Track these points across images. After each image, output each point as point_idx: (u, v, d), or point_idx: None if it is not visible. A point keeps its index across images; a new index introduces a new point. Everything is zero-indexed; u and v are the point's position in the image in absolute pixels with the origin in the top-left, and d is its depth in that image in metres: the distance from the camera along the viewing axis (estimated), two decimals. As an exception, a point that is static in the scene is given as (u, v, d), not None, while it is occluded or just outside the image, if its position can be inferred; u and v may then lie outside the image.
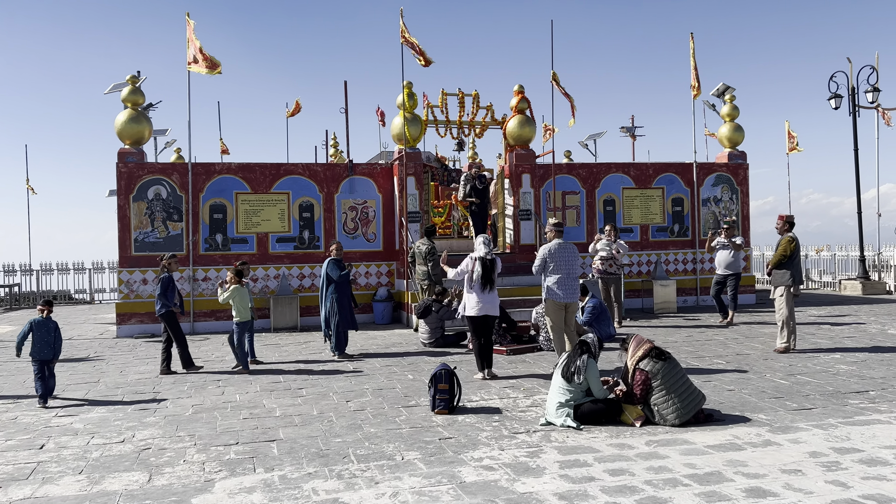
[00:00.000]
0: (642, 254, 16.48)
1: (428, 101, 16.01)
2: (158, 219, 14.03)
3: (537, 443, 5.62)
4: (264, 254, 14.51)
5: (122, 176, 13.92)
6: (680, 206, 16.84)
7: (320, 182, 14.90)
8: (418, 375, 8.71)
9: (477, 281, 8.47)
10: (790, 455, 5.13)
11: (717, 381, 7.89)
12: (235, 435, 6.10)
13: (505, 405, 7.00)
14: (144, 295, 13.82)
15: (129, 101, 14.23)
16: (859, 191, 19.46)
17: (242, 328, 9.45)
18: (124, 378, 9.09)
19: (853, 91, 19.29)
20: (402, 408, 7.01)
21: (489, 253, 8.60)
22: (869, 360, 8.94)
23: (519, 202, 15.51)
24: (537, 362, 9.54)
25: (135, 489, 4.75)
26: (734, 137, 17.33)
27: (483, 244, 8.65)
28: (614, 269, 13.02)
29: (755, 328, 12.28)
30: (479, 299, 8.47)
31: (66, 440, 6.07)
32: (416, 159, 14.84)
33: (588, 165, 16.86)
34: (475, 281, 8.48)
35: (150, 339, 13.02)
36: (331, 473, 4.97)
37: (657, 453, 5.24)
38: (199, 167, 14.43)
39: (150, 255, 13.93)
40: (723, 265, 12.85)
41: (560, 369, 6.36)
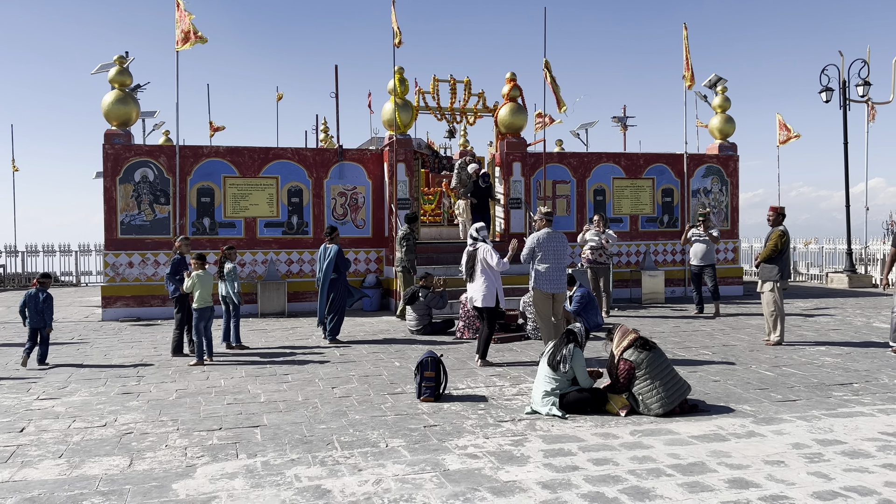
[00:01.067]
0: (631, 244, 16.49)
1: (419, 87, 15.92)
2: (145, 201, 13.90)
3: (522, 431, 5.61)
4: (252, 238, 14.41)
5: (109, 158, 13.77)
6: (670, 197, 16.84)
7: (309, 167, 14.79)
8: (405, 363, 8.68)
9: (465, 271, 8.57)
10: (773, 446, 5.14)
11: (702, 371, 7.91)
12: (219, 420, 6.06)
13: (491, 393, 6.99)
14: (130, 278, 13.71)
15: (117, 82, 14.05)
16: (848, 185, 19.54)
17: (201, 315, 8.88)
18: (108, 361, 9.01)
19: (844, 85, 19.31)
20: (387, 395, 6.98)
21: (472, 244, 8.59)
22: (854, 353, 8.99)
23: (509, 190, 15.47)
24: (524, 351, 9.53)
25: (115, 474, 4.70)
26: (725, 129, 17.33)
27: (470, 235, 8.67)
28: (603, 259, 13.03)
29: (742, 319, 12.33)
30: (471, 289, 8.57)
31: (47, 423, 6.01)
32: (406, 146, 14.75)
33: (579, 155, 16.82)
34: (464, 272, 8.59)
35: (135, 323, 12.93)
36: (314, 460, 4.94)
37: (641, 443, 5.24)
38: (187, 150, 14.29)
39: (137, 237, 13.81)
40: (698, 257, 12.90)
41: (546, 358, 6.34)
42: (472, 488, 4.34)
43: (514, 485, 4.39)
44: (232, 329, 9.87)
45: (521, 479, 4.49)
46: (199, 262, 9.04)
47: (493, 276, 8.46)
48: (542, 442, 5.30)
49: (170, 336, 11.19)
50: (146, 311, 13.67)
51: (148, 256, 13.83)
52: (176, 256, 9.43)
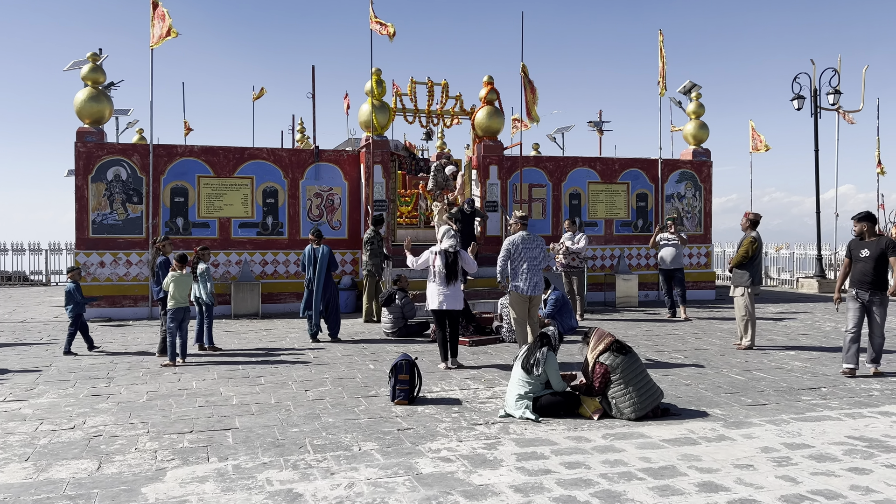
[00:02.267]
0: (606, 248, 16.61)
1: (397, 88, 15.90)
2: (118, 200, 13.71)
3: (495, 435, 5.62)
4: (226, 239, 14.28)
5: (81, 156, 13.57)
6: (644, 202, 17.00)
7: (285, 168, 14.70)
8: (379, 365, 8.66)
9: (440, 275, 8.42)
10: (743, 450, 5.20)
11: (674, 375, 7.99)
12: (190, 423, 6.00)
13: (465, 396, 7.00)
14: (102, 278, 13.51)
15: (90, 80, 13.85)
16: (818, 191, 19.86)
17: (175, 315, 8.74)
18: (77, 363, 8.88)
19: (815, 93, 19.64)
20: (361, 398, 6.96)
21: (453, 246, 8.54)
22: (822, 358, 9.14)
23: (486, 193, 15.50)
24: (499, 353, 9.56)
25: (83, 477, 4.63)
26: (699, 135, 17.53)
27: (448, 237, 8.59)
28: (577, 263, 13.14)
29: (714, 324, 12.47)
30: (441, 292, 8.44)
31: (14, 426, 5.90)
32: (383, 147, 14.72)
33: (555, 159, 16.91)
34: (437, 274, 8.44)
35: (106, 323, 12.74)
36: (286, 463, 4.90)
37: (613, 447, 5.28)
38: (161, 149, 14.12)
39: (109, 237, 13.62)
40: (667, 261, 13.04)
41: (520, 361, 6.36)
42: (445, 492, 4.34)
43: (486, 488, 4.39)
44: (205, 330, 9.77)
45: (493, 482, 4.50)
46: (180, 263, 8.97)
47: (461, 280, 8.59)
48: (515, 445, 5.32)
49: (142, 337, 11.06)
50: (118, 312, 13.48)
51: (120, 256, 13.64)
52: (161, 258, 9.34)
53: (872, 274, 7.82)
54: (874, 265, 7.83)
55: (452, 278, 8.42)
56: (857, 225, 8.07)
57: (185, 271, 9.03)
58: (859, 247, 8.02)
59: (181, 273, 8.95)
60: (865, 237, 8.00)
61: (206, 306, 9.75)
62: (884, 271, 7.88)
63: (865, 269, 7.89)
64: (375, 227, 12.80)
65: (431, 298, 8.48)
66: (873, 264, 7.82)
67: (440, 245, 8.57)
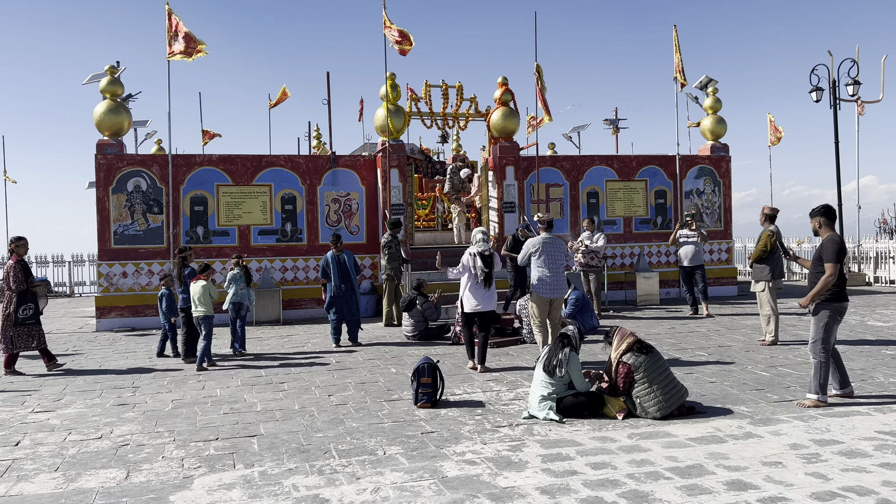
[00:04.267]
0: (625, 246, 16.52)
1: (412, 92, 15.93)
2: (138, 211, 13.86)
3: (520, 436, 5.60)
4: (246, 246, 14.37)
5: (101, 168, 13.72)
6: (663, 199, 16.88)
7: (303, 174, 14.78)
8: (401, 369, 8.67)
9: (480, 276, 8.40)
10: (771, 447, 5.15)
11: (699, 373, 7.92)
12: (215, 430, 6.04)
13: (488, 398, 6.98)
14: (124, 288, 13.65)
15: (108, 92, 14.01)
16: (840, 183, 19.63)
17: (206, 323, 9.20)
18: (104, 372, 8.97)
19: (834, 84, 19.41)
20: (384, 402, 6.97)
21: (487, 249, 8.53)
22: (849, 352, 9.01)
23: (503, 194, 15.48)
24: (520, 355, 9.53)
25: (112, 486, 4.68)
26: (717, 130, 17.39)
27: (482, 240, 8.57)
28: (596, 262, 13.09)
29: (737, 320, 12.35)
30: (477, 295, 8.42)
31: (43, 436, 5.98)
32: (399, 151, 14.75)
33: (572, 158, 16.85)
34: (478, 277, 8.41)
35: (129, 333, 12.87)
36: (312, 469, 4.92)
37: (639, 446, 5.24)
38: (180, 159, 14.25)
39: (130, 247, 13.76)
40: (688, 258, 12.92)
41: (542, 363, 6.34)
42: (471, 495, 4.33)
43: (512, 490, 4.38)
44: (240, 335, 10.11)
45: (519, 484, 4.49)
46: (205, 272, 9.41)
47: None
48: (539, 447, 5.30)
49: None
50: (140, 321, 13.61)
51: (142, 266, 13.78)
52: (188, 269, 9.71)
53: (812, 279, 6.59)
54: (814, 269, 6.59)
55: (489, 280, 8.42)
56: (812, 221, 6.72)
57: (211, 280, 9.46)
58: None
59: (208, 282, 9.32)
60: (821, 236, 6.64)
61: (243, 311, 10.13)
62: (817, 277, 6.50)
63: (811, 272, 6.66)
64: (393, 231, 12.83)
65: (468, 301, 8.48)
66: (814, 268, 6.60)
67: (475, 248, 8.55)
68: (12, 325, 8.93)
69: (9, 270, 8.99)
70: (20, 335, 8.99)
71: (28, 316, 8.99)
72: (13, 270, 8.93)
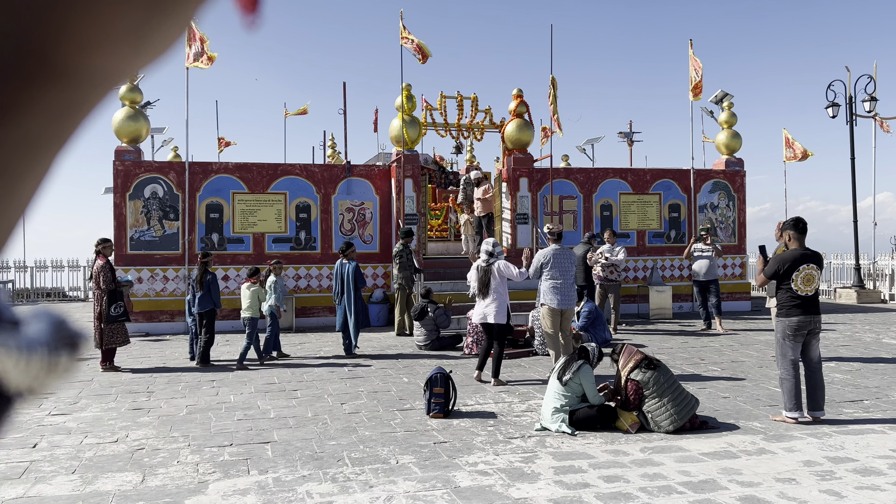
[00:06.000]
0: (638, 259, 16.49)
1: (427, 103, 16.04)
2: (155, 217, 13.99)
3: (532, 448, 5.61)
4: (260, 254, 14.47)
5: (119, 174, 13.88)
6: (677, 213, 16.86)
7: (317, 183, 14.88)
8: (413, 378, 8.70)
9: (477, 288, 8.50)
10: (784, 464, 5.13)
11: (712, 388, 7.90)
12: (229, 436, 6.08)
13: (500, 409, 7.00)
14: (140, 294, 13.77)
15: (127, 99, 14.19)
16: (855, 199, 19.53)
17: (250, 325, 9.81)
18: (118, 377, 9.05)
19: (851, 100, 19.35)
20: (396, 411, 6.99)
21: (487, 259, 8.54)
22: (863, 370, 8.96)
23: (516, 206, 15.51)
24: (532, 367, 9.53)
25: (128, 490, 4.73)
26: (732, 144, 17.36)
27: (485, 251, 8.59)
28: (615, 276, 13.04)
29: (750, 335, 12.30)
30: (479, 306, 8.49)
31: (60, 439, 6.05)
32: (413, 161, 14.83)
33: (586, 170, 16.87)
34: (476, 288, 8.51)
35: (144, 338, 12.97)
36: (325, 476, 4.95)
37: (652, 460, 5.24)
38: (197, 166, 14.40)
39: (146, 253, 13.89)
40: (702, 272, 12.87)
41: (556, 374, 6.36)
42: (484, 505, 4.35)
43: (525, 502, 4.39)
44: (273, 339, 10.31)
45: (532, 496, 4.50)
46: (255, 276, 9.94)
47: (504, 293, 8.47)
48: (552, 459, 5.30)
49: (179, 351, 11.25)
50: (155, 327, 13.72)
51: (157, 272, 13.90)
52: (210, 275, 9.88)
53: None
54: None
55: (485, 292, 8.44)
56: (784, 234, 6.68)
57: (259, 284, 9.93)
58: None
59: (257, 286, 9.82)
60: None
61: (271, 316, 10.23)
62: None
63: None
64: (405, 241, 12.88)
65: (474, 311, 8.59)
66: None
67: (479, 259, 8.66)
68: (105, 323, 9.29)
69: (98, 271, 9.36)
70: (112, 332, 9.38)
71: (119, 314, 9.38)
72: (102, 271, 9.33)
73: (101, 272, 9.35)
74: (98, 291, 9.42)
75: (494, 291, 8.41)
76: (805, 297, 6.33)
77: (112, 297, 9.37)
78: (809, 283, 6.33)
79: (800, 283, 6.31)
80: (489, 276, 8.49)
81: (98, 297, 9.43)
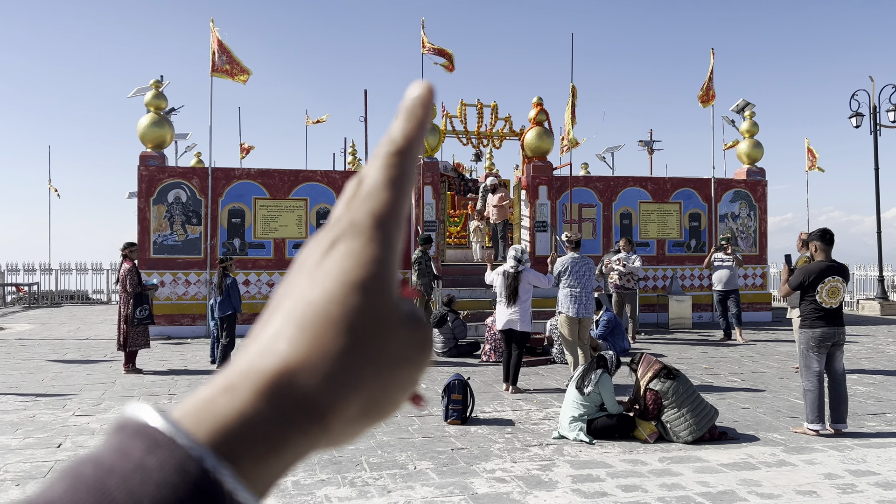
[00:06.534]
0: (658, 268, 16.42)
1: (446, 111, 16.11)
2: (177, 222, 14.17)
3: (550, 456, 5.62)
4: (281, 259, 14.59)
5: (143, 179, 14.08)
6: (697, 222, 16.76)
7: (338, 189, 14.98)
8: (431, 385, 8.71)
9: (500, 294, 8.45)
10: (805, 476, 5.09)
11: (731, 399, 7.85)
12: (249, 439, 6.14)
13: (518, 417, 7.00)
14: (161, 297, 13.93)
15: (152, 105, 14.40)
16: (879, 210, 19.30)
17: None
18: (140, 379, 9.17)
19: (875, 110, 19.16)
20: (414, 417, 7.02)
21: (516, 266, 8.47)
22: (886, 382, 8.85)
23: (535, 213, 15.52)
24: (550, 375, 9.53)
25: (150, 490, 4.79)
26: (753, 154, 17.25)
27: (513, 257, 8.51)
28: (631, 285, 12.99)
29: (770, 346, 12.19)
30: (503, 313, 8.44)
31: (83, 440, 6.14)
32: (433, 169, 14.89)
33: (605, 178, 16.84)
34: (500, 294, 8.46)
35: (166, 341, 13.12)
36: (343, 481, 4.99)
37: (670, 470, 5.22)
38: (219, 172, 14.56)
39: (169, 257, 14.06)
40: (722, 283, 12.77)
41: (574, 382, 6.36)
42: (501, 512, 4.36)
43: (542, 510, 4.40)
44: None
45: (549, 504, 4.51)
46: None
47: (529, 300, 8.46)
48: (570, 467, 5.31)
49: (200, 355, 11.37)
50: (176, 330, 13.87)
51: (179, 276, 14.06)
52: (230, 279, 9.90)
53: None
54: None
55: (512, 299, 8.38)
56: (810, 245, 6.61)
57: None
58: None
59: None
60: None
61: None
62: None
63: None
64: (424, 247, 12.93)
65: (499, 318, 8.52)
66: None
67: (505, 265, 8.57)
68: (130, 326, 9.48)
69: (125, 275, 9.55)
70: (135, 334, 9.55)
71: (144, 317, 9.56)
72: (129, 274, 9.52)
73: (127, 275, 9.52)
74: (124, 294, 9.59)
75: (521, 299, 8.39)
76: (829, 309, 6.29)
77: (138, 300, 9.53)
78: (834, 296, 6.29)
79: (825, 295, 6.27)
80: (517, 283, 8.43)
81: (124, 300, 9.60)
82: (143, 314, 9.54)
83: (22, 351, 11.76)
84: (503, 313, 8.45)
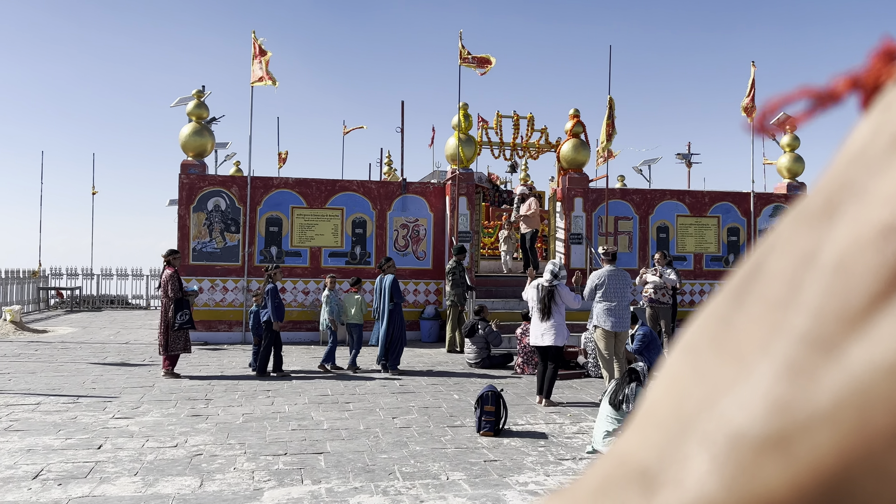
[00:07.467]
0: (695, 283, 16.20)
1: (483, 120, 16.16)
2: (216, 230, 14.41)
3: (583, 471, 5.56)
4: (316, 267, 14.74)
5: (184, 187, 14.36)
6: (736, 236, 16.53)
7: (374, 199, 15.11)
8: (464, 395, 8.72)
9: (533, 308, 8.40)
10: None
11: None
12: (284, 445, 6.21)
13: (551, 430, 6.96)
14: (199, 303, 14.15)
15: (194, 115, 14.71)
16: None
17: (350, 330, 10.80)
18: (178, 384, 9.33)
19: (921, 124, 18.70)
20: (447, 427, 7.03)
21: (551, 281, 8.38)
22: None
23: (570, 226, 15.45)
24: (584, 388, 9.45)
25: (187, 494, 4.88)
26: (794, 168, 16.97)
27: (549, 271, 8.42)
28: (666, 299, 12.82)
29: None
30: (536, 329, 8.38)
31: (123, 442, 6.27)
32: (468, 180, 14.93)
33: (642, 191, 16.70)
34: (533, 308, 8.41)
35: (203, 347, 13.32)
36: (376, 489, 5.02)
37: (706, 488, 5.14)
38: (258, 181, 14.79)
39: (207, 264, 14.30)
40: None
41: (608, 397, 6.30)
42: (534, 526, 4.34)
43: (575, 524, 4.37)
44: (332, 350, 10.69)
45: (582, 518, 4.47)
46: (357, 285, 10.87)
47: (563, 314, 8.37)
48: (603, 482, 5.25)
49: (236, 360, 11.52)
50: (213, 336, 14.08)
51: (217, 283, 14.29)
52: (271, 286, 10.12)
53: None
54: None
55: (546, 314, 8.30)
56: None
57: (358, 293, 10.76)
58: None
59: (359, 295, 10.65)
60: None
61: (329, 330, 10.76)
62: None
63: None
64: (458, 258, 12.96)
65: (532, 333, 8.45)
66: None
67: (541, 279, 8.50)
68: (171, 331, 9.71)
69: (167, 280, 9.78)
70: (175, 338, 9.78)
71: (185, 321, 9.77)
72: (171, 280, 9.75)
73: (169, 281, 9.73)
74: (165, 300, 9.80)
75: (555, 313, 8.30)
76: None
77: (178, 305, 9.73)
78: None
79: None
80: (552, 297, 8.33)
81: (165, 305, 9.80)
82: (183, 318, 9.73)
83: (64, 354, 12.05)
84: (537, 328, 8.37)
